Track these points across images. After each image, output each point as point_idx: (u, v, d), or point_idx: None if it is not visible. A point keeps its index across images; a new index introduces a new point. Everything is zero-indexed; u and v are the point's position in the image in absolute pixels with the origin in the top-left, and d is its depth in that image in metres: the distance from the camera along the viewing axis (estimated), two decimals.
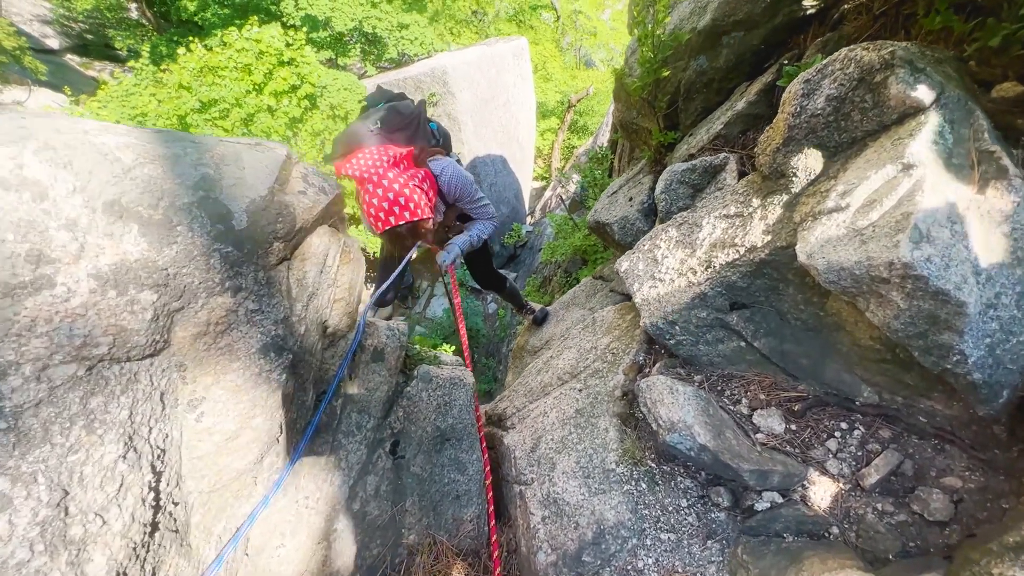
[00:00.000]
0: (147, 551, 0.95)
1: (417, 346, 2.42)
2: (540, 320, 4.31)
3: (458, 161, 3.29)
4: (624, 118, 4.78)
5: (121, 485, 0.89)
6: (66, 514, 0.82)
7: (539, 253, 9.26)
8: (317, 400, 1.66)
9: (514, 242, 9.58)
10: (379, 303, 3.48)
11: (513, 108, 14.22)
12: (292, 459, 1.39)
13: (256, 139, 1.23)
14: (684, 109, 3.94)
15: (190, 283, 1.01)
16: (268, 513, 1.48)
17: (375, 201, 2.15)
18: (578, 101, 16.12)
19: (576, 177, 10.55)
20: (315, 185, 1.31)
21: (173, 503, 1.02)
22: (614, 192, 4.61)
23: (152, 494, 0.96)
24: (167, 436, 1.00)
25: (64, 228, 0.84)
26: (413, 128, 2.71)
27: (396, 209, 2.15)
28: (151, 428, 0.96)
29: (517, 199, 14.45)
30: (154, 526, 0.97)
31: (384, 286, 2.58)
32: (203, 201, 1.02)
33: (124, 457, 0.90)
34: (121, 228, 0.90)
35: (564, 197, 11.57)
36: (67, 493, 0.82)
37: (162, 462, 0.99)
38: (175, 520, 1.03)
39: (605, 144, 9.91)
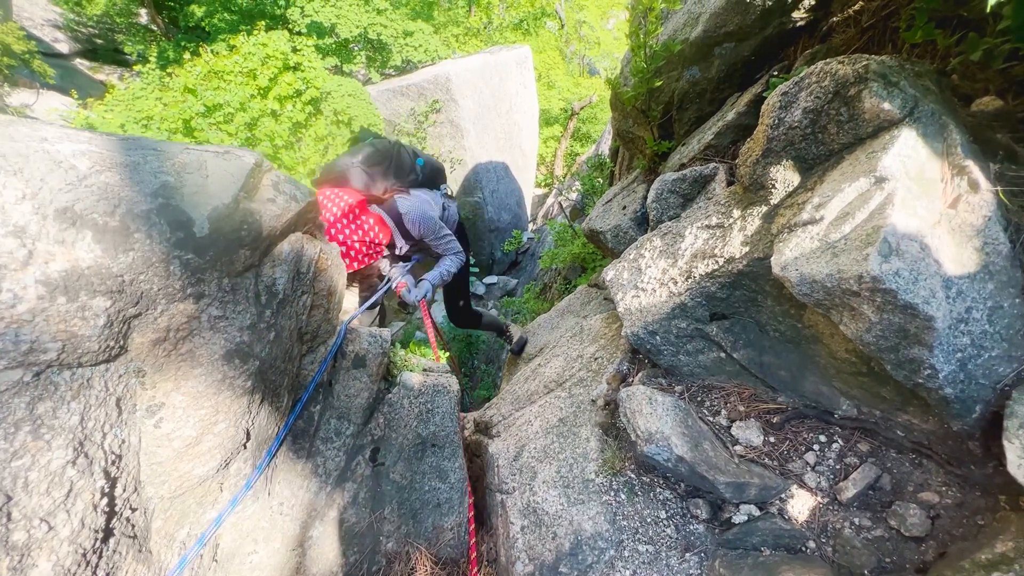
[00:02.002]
0: (99, 557, 0.95)
1: (402, 352, 2.43)
2: (518, 351, 4.32)
3: (448, 195, 3.43)
4: (620, 126, 4.80)
5: (70, 490, 0.90)
6: (8, 519, 0.82)
7: (539, 260, 9.26)
8: (293, 406, 1.67)
9: (515, 249, 9.60)
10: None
11: (516, 115, 14.30)
12: (260, 465, 1.39)
13: (226, 147, 1.24)
14: (678, 119, 3.96)
15: (148, 289, 1.02)
16: (239, 519, 1.48)
17: None
18: (581, 109, 16.20)
19: (577, 184, 10.59)
20: (286, 193, 1.32)
21: (131, 509, 1.03)
22: (609, 200, 4.62)
23: (105, 500, 0.97)
24: (123, 441, 1.00)
25: (11, 235, 0.85)
26: (387, 164, 2.94)
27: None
28: (105, 434, 0.97)
29: (519, 206, 14.49)
30: (108, 532, 0.97)
31: (360, 311, 2.62)
32: (163, 208, 1.03)
33: (73, 463, 0.91)
34: (74, 235, 0.91)
35: (564, 204, 11.60)
36: (10, 498, 0.82)
37: (117, 467, 0.99)
38: (133, 526, 1.03)
39: (606, 152, 9.93)
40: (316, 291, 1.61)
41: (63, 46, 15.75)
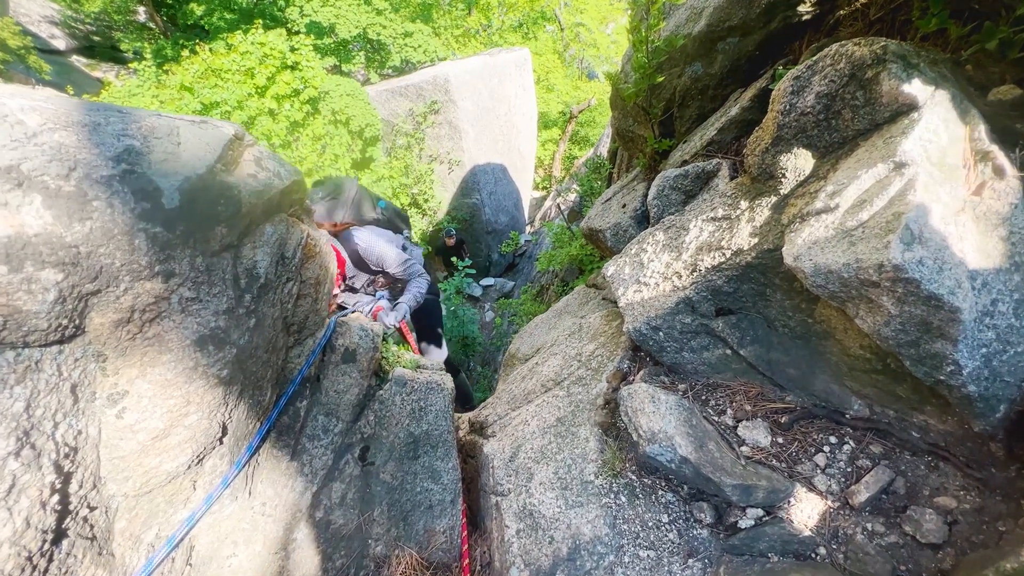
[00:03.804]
0: (49, 560, 0.86)
1: (394, 347, 2.34)
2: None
3: (410, 240, 3.62)
4: (620, 125, 4.75)
5: (12, 486, 0.81)
6: None
7: (536, 262, 9.20)
8: (277, 400, 1.58)
9: (511, 251, 9.54)
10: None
11: (514, 118, 14.26)
12: (238, 462, 1.30)
13: (203, 117, 1.16)
14: (679, 116, 3.90)
15: (109, 264, 0.92)
16: (217, 520, 1.39)
17: None
18: (579, 112, 16.19)
19: (575, 186, 10.54)
20: (269, 169, 1.23)
21: (88, 507, 0.93)
22: (608, 199, 4.56)
23: (57, 497, 0.87)
24: (80, 433, 0.91)
25: None
26: (343, 197, 3.08)
27: None
28: (57, 423, 0.87)
29: (517, 208, 14.43)
30: (60, 533, 0.88)
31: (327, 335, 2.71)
32: (126, 175, 0.94)
33: (17, 455, 0.82)
34: (19, 197, 0.82)
35: (562, 207, 11.55)
36: None
37: (72, 461, 0.90)
38: (91, 526, 0.94)
39: (605, 155, 9.89)
40: (303, 279, 1.53)
41: (60, 43, 15.66)
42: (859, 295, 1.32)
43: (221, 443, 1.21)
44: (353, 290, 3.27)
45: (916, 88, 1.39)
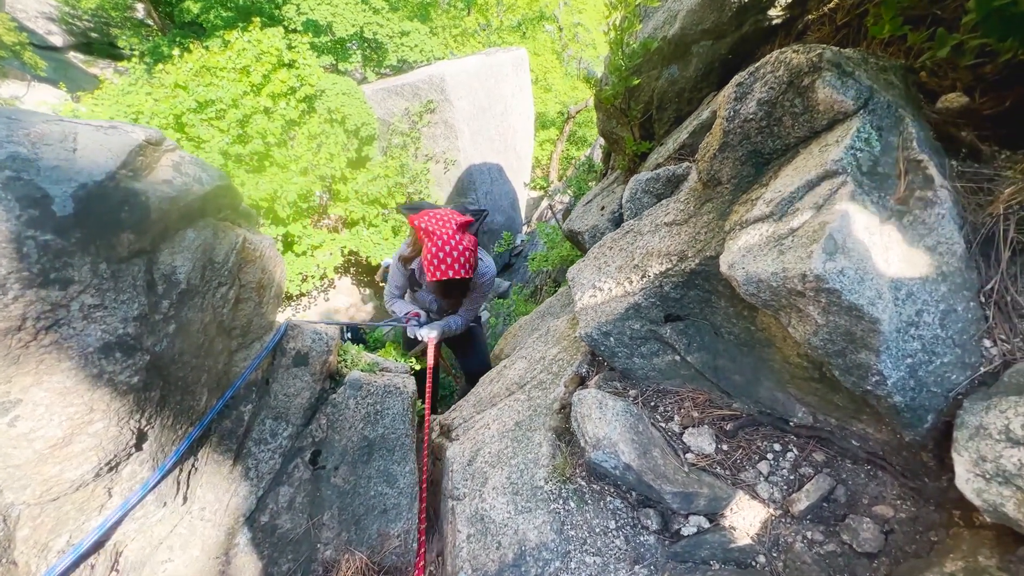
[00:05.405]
0: None
1: (353, 350, 2.34)
2: None
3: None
4: (604, 127, 4.75)
5: None
6: None
7: (528, 262, 9.20)
8: (216, 405, 1.57)
9: (504, 250, 9.52)
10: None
11: (511, 118, 14.24)
12: (161, 468, 1.30)
13: (114, 122, 1.16)
14: (658, 118, 3.90)
15: None
16: (146, 526, 1.39)
17: (440, 253, 2.41)
18: (577, 112, 16.15)
19: (570, 188, 10.52)
20: (188, 175, 1.23)
21: None
22: (589, 201, 4.56)
23: None
24: None
25: None
26: (478, 220, 2.99)
27: (456, 265, 2.44)
28: None
29: (513, 208, 14.42)
30: None
31: (276, 338, 2.72)
32: (10, 182, 0.93)
33: None
34: None
35: (556, 208, 11.53)
36: None
37: None
38: None
39: (600, 155, 9.87)
40: (242, 283, 1.53)
41: (57, 39, 15.68)
42: (789, 304, 1.31)
43: (140, 449, 1.21)
44: (418, 286, 3.18)
45: (849, 96, 1.38)
